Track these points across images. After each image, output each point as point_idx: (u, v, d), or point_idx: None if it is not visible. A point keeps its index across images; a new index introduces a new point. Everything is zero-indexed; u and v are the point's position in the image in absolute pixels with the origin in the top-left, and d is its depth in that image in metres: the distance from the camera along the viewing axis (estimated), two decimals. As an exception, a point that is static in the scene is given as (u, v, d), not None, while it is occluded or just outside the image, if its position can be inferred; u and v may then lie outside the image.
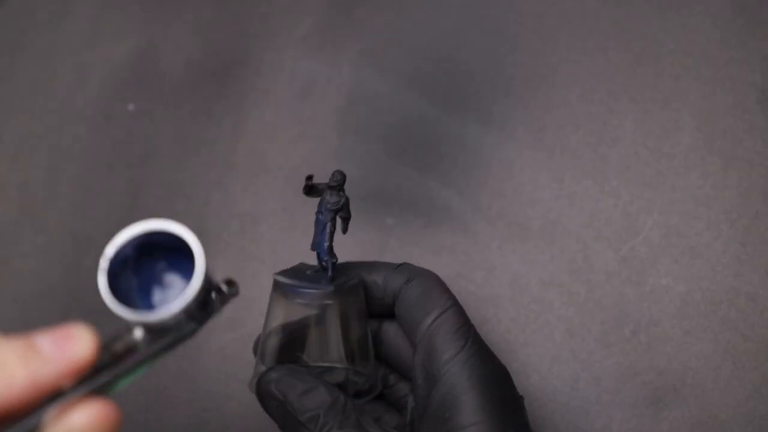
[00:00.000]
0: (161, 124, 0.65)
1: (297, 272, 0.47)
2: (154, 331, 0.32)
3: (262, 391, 0.45)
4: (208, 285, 0.33)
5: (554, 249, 0.55)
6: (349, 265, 0.48)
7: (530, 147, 0.57)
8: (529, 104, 0.58)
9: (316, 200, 0.60)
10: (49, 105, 0.67)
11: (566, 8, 0.59)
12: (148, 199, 0.63)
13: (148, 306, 0.33)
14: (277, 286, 0.47)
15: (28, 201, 0.65)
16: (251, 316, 0.58)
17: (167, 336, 0.32)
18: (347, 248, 0.49)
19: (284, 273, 0.47)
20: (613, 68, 0.57)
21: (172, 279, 0.34)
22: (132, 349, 0.31)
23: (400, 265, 0.48)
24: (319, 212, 0.47)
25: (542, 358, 0.54)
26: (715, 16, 0.56)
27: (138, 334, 0.32)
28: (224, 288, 0.34)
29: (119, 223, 0.63)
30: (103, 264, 0.32)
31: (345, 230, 0.47)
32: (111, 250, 0.32)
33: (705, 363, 0.51)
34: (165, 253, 0.33)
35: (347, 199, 0.47)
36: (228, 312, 0.59)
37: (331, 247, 0.47)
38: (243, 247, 0.60)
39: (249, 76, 0.64)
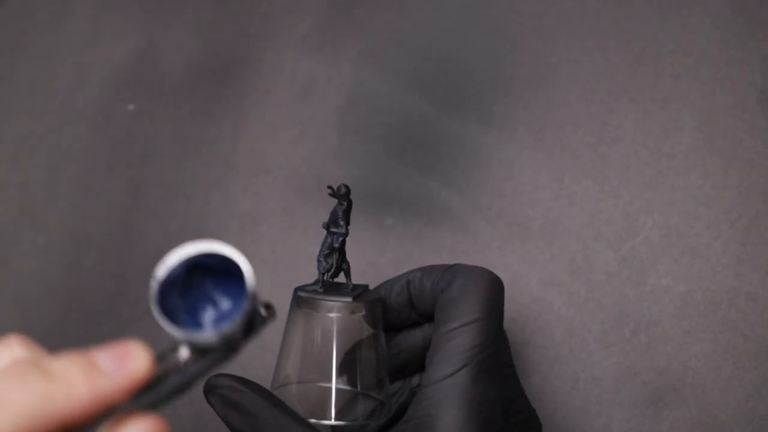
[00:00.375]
0: (161, 124, 0.65)
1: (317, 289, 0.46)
2: (199, 350, 0.33)
3: (217, 395, 0.43)
4: (254, 309, 0.34)
5: (554, 249, 0.55)
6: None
7: (530, 147, 0.57)
8: (529, 104, 0.58)
9: (316, 200, 0.60)
10: (49, 105, 0.67)
11: (566, 8, 0.59)
12: (148, 199, 0.63)
13: (196, 325, 0.34)
14: (299, 300, 0.46)
15: (28, 201, 0.65)
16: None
17: (211, 356, 0.33)
18: (348, 247, 0.49)
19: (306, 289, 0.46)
20: (613, 68, 0.57)
21: (219, 299, 0.34)
22: (177, 368, 0.32)
23: (453, 266, 0.45)
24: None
25: (542, 358, 0.54)
26: (715, 16, 0.56)
27: (183, 353, 0.32)
28: (263, 311, 0.35)
29: (119, 223, 0.64)
30: (154, 285, 0.32)
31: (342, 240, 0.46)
32: (162, 271, 0.33)
33: (705, 363, 0.51)
34: (213, 273, 0.34)
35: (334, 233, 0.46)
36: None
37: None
38: (243, 247, 0.60)
39: (249, 76, 0.64)
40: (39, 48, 0.69)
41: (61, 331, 0.62)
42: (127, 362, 0.30)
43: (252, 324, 0.34)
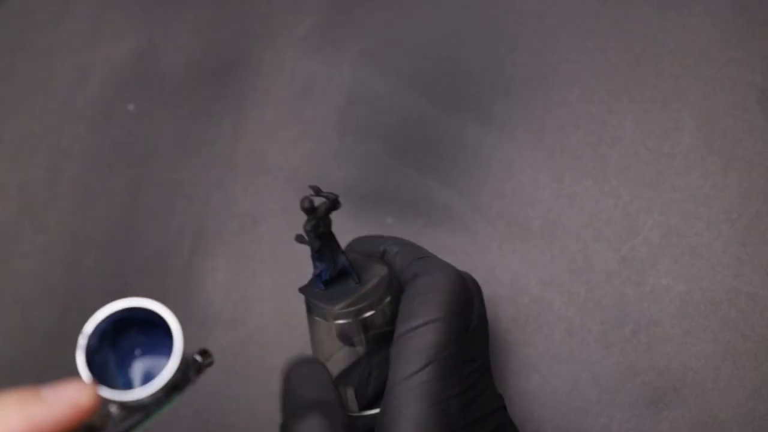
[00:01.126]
0: (161, 124, 0.65)
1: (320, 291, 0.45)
2: (128, 408, 0.33)
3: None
4: (185, 363, 0.34)
5: (554, 249, 0.55)
6: (377, 251, 0.46)
7: (530, 147, 0.57)
8: (529, 104, 0.58)
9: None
10: (49, 105, 0.67)
11: (566, 8, 0.59)
12: (148, 199, 0.63)
13: (125, 380, 0.34)
14: (308, 308, 0.45)
15: (28, 201, 0.65)
16: (251, 316, 0.58)
17: (141, 411, 0.33)
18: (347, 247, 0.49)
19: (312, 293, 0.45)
20: (613, 68, 0.57)
21: (150, 353, 0.34)
22: (106, 424, 0.32)
23: (425, 256, 0.45)
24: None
25: (542, 358, 0.54)
26: (715, 16, 0.56)
27: (113, 409, 0.33)
28: (199, 359, 0.35)
29: (119, 223, 0.64)
30: (82, 341, 0.32)
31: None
32: (90, 326, 0.33)
33: (705, 363, 0.51)
34: (142, 327, 0.34)
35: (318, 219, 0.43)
36: (228, 312, 0.60)
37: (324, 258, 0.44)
38: (243, 247, 0.60)
39: (249, 76, 0.64)
40: (39, 48, 0.69)
41: (61, 331, 0.62)
42: (68, 391, 0.29)
43: (183, 378, 0.34)
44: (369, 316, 0.44)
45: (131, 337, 0.34)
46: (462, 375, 0.42)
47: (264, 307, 0.58)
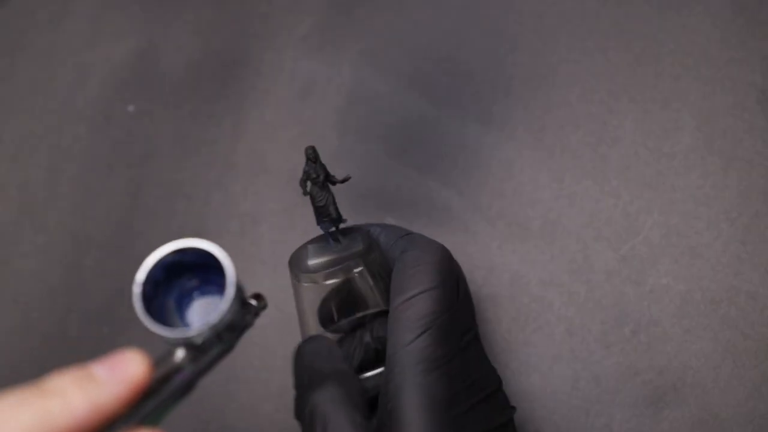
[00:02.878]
0: (161, 125, 0.65)
1: (307, 252, 0.47)
2: (195, 349, 0.33)
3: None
4: (241, 295, 0.34)
5: (554, 249, 0.55)
6: (357, 227, 0.48)
7: (530, 147, 0.57)
8: (529, 104, 0.58)
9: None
10: (49, 105, 0.67)
11: (566, 8, 0.59)
12: (148, 199, 0.63)
13: (185, 324, 0.34)
14: (296, 271, 0.47)
15: (28, 201, 0.65)
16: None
17: (208, 353, 0.33)
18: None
19: (298, 258, 0.47)
20: (613, 68, 0.57)
21: (206, 296, 0.35)
22: (175, 370, 0.32)
23: (408, 234, 0.47)
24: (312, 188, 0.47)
25: (542, 358, 0.54)
26: (715, 16, 0.56)
27: (180, 354, 0.32)
28: (253, 302, 0.35)
29: (119, 223, 0.64)
30: (136, 289, 0.32)
31: (344, 180, 0.47)
32: (141, 274, 0.33)
33: (705, 362, 0.51)
34: (196, 271, 0.34)
35: (324, 167, 0.46)
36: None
37: (331, 213, 0.46)
38: (243, 247, 0.60)
39: (249, 76, 0.64)
40: (39, 48, 0.69)
41: (61, 331, 0.62)
42: (122, 369, 0.30)
43: (242, 313, 0.34)
44: (358, 273, 0.45)
45: (185, 281, 0.34)
46: (458, 342, 0.43)
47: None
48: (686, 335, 0.52)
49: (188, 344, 0.32)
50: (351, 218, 0.58)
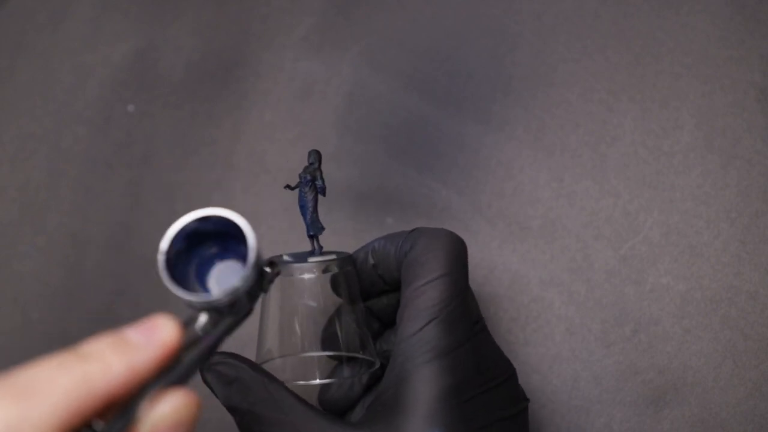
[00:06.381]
0: (161, 125, 0.65)
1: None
2: (216, 312, 0.34)
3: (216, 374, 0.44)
4: (260, 261, 0.35)
5: (554, 248, 0.55)
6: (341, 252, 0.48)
7: (530, 147, 0.57)
8: (528, 104, 0.58)
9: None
10: (49, 106, 0.67)
11: (565, 7, 0.59)
12: (148, 199, 0.63)
13: (205, 291, 0.35)
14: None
15: (28, 202, 0.65)
16: (251, 316, 0.58)
17: (228, 317, 0.34)
18: (349, 247, 0.49)
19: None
20: (613, 67, 0.57)
21: (226, 262, 0.36)
22: (200, 335, 0.33)
23: (414, 229, 0.46)
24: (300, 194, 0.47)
25: (542, 357, 0.54)
26: (714, 15, 0.56)
27: (202, 319, 0.34)
28: (268, 269, 0.36)
29: (119, 224, 0.64)
30: (160, 257, 0.33)
31: (323, 192, 0.47)
32: (165, 243, 0.34)
33: (705, 361, 0.51)
34: (215, 239, 0.35)
35: (317, 168, 0.47)
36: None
37: (314, 219, 0.47)
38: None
39: (248, 76, 0.64)
40: (39, 49, 0.69)
41: (61, 332, 0.62)
42: (155, 333, 0.31)
43: (260, 280, 0.35)
44: (348, 270, 0.46)
45: (206, 249, 0.35)
46: (470, 328, 0.42)
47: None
48: (686, 335, 0.52)
49: (211, 309, 0.34)
50: (351, 218, 0.58)
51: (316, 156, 0.47)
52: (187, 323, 0.33)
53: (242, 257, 0.34)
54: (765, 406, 0.50)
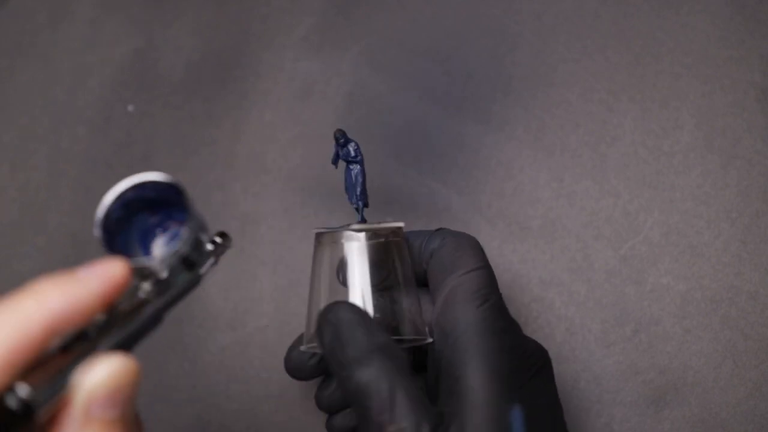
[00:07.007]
0: (161, 125, 0.65)
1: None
2: (160, 282, 0.34)
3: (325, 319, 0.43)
4: (200, 226, 0.35)
5: (554, 248, 0.55)
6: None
7: (530, 146, 0.57)
8: (528, 104, 0.58)
9: (316, 201, 0.60)
10: (49, 106, 0.67)
11: (565, 7, 0.59)
12: (148, 199, 0.63)
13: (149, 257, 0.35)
14: (321, 238, 0.48)
15: (28, 202, 0.65)
16: (251, 316, 0.58)
17: (173, 287, 0.34)
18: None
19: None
20: (613, 67, 0.57)
21: (168, 229, 0.36)
22: (143, 302, 0.33)
23: (439, 229, 0.48)
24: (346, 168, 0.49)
25: (543, 357, 0.54)
26: (714, 15, 0.56)
27: (146, 287, 0.34)
28: (218, 239, 0.37)
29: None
30: (96, 231, 0.34)
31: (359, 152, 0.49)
32: (100, 212, 0.34)
33: (706, 361, 0.51)
34: (156, 209, 0.35)
35: (356, 145, 0.49)
36: (228, 313, 0.60)
37: (363, 191, 0.49)
38: (243, 247, 0.60)
39: (248, 76, 0.64)
40: (39, 49, 0.69)
41: (61, 332, 0.62)
42: (100, 268, 0.31)
43: (202, 245, 0.35)
44: (393, 240, 0.47)
45: (147, 217, 0.36)
46: (509, 318, 0.44)
47: (264, 308, 0.58)
48: (687, 335, 0.52)
49: (153, 276, 0.34)
50: (351, 218, 0.58)
51: (340, 133, 0.49)
52: (132, 290, 0.33)
53: (183, 220, 0.34)
54: (765, 406, 0.50)
